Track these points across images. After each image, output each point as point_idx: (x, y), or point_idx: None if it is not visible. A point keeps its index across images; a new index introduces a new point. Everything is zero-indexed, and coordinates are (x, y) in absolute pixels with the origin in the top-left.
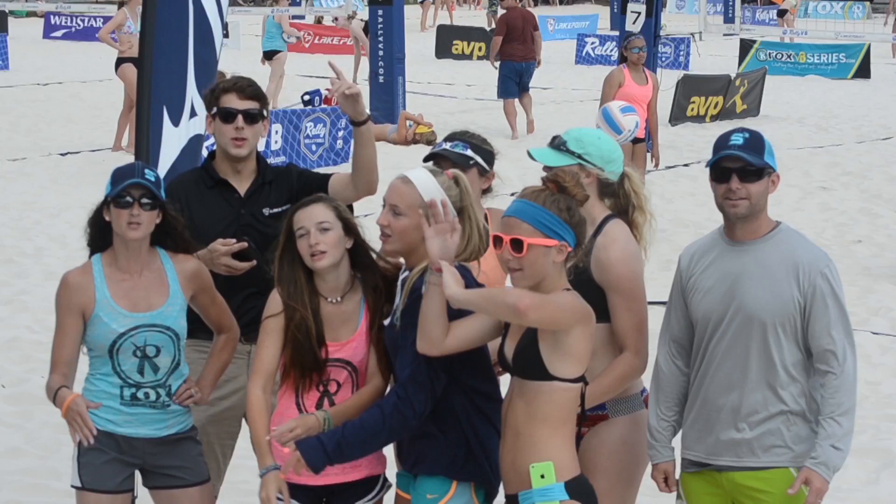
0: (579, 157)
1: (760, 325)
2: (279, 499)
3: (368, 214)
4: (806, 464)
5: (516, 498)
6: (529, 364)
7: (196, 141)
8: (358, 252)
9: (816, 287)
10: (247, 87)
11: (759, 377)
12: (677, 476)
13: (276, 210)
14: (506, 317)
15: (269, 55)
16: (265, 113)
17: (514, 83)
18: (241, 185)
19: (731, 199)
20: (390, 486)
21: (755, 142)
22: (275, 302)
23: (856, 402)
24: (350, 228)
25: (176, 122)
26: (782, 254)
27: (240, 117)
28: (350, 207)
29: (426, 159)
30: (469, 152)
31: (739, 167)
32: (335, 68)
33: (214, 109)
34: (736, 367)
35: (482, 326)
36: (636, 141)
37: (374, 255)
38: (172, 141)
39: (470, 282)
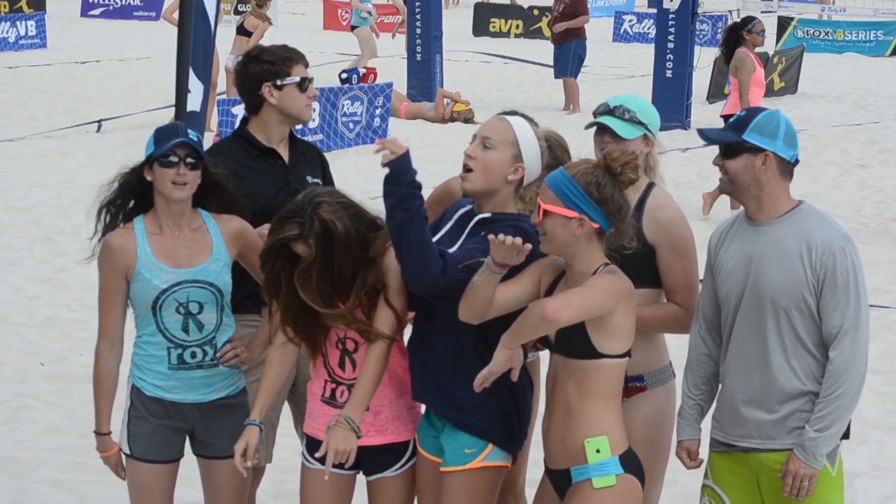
0: (646, 127)
1: (776, 306)
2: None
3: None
4: None
5: (564, 473)
6: (576, 344)
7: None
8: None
9: (828, 268)
10: (305, 58)
11: (780, 358)
12: (703, 454)
13: (315, 179)
14: (544, 330)
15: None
16: None
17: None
18: (283, 154)
19: (720, 173)
20: None
21: (741, 119)
22: None
23: (857, 387)
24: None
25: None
26: (797, 234)
27: (311, 86)
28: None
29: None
30: None
31: (721, 144)
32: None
33: (287, 79)
34: (756, 349)
35: (519, 292)
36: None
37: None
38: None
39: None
